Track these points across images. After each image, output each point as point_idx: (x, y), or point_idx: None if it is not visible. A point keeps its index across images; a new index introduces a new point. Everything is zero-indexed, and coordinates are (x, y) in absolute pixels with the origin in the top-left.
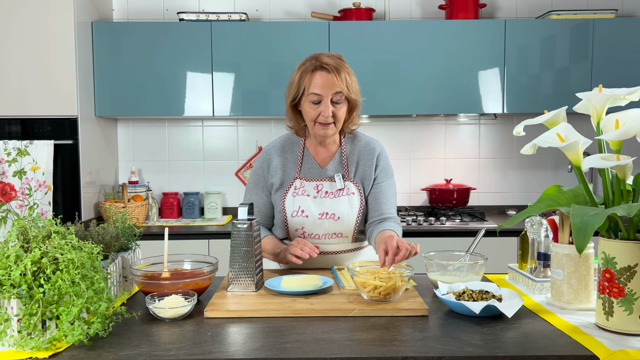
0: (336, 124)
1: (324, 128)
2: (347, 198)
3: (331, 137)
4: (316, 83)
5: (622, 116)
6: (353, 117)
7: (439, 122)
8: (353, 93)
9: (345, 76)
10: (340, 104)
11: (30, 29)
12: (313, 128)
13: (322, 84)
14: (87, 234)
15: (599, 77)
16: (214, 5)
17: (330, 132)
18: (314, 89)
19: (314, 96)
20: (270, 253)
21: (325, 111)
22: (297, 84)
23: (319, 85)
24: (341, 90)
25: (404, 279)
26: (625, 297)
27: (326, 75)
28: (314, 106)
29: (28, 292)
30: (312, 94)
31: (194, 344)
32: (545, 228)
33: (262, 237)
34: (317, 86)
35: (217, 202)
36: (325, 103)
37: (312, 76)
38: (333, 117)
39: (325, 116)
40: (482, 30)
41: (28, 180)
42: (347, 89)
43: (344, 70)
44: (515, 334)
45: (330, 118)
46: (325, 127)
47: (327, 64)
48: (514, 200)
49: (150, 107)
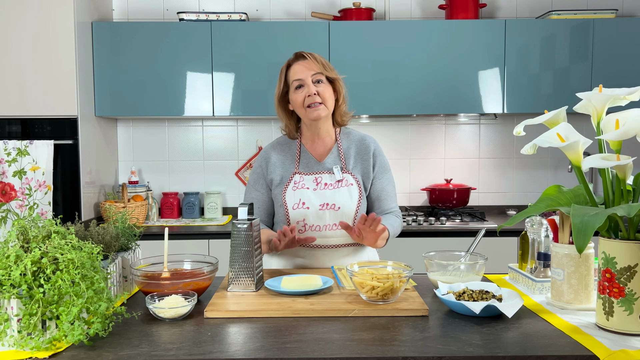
0: (326, 104)
1: (315, 109)
2: (346, 189)
3: (325, 123)
4: (295, 71)
5: (622, 116)
6: (341, 103)
7: (439, 122)
8: (331, 71)
9: (320, 59)
10: (322, 83)
11: (31, 29)
12: (305, 114)
13: (300, 70)
14: (87, 234)
15: (599, 77)
16: (214, 5)
17: (322, 113)
18: (294, 77)
19: (296, 82)
20: (264, 243)
21: (309, 89)
22: (280, 81)
23: (298, 72)
24: (319, 71)
25: (402, 279)
26: (625, 297)
27: (302, 62)
28: (299, 91)
29: (28, 292)
30: (294, 81)
31: (194, 344)
32: (546, 228)
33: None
34: (297, 73)
35: (217, 202)
36: (307, 84)
37: (291, 68)
38: (320, 97)
39: (310, 94)
40: (482, 30)
41: (28, 180)
42: (324, 69)
43: (319, 57)
44: (515, 334)
45: (316, 97)
46: (316, 108)
47: (302, 53)
48: (514, 200)
49: (150, 107)
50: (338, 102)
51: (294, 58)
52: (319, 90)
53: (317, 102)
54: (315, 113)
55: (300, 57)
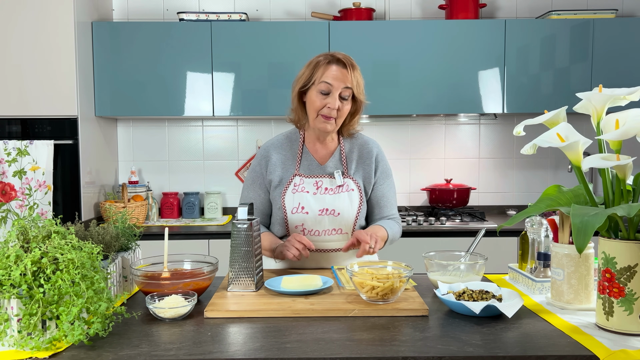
0: (337, 120)
1: (325, 121)
2: (347, 194)
3: (329, 134)
4: (330, 73)
5: (622, 116)
6: (354, 121)
7: (439, 122)
8: (361, 93)
9: (357, 75)
10: (346, 100)
11: (31, 29)
12: (315, 120)
13: (335, 76)
14: (87, 234)
15: (599, 77)
16: (214, 5)
17: (329, 128)
18: (326, 78)
19: (325, 85)
20: (267, 249)
21: (333, 103)
22: (309, 72)
23: (332, 76)
24: (351, 87)
25: (402, 279)
26: (625, 297)
27: (341, 69)
28: (322, 96)
29: (28, 292)
30: (323, 83)
31: (194, 344)
32: (545, 228)
33: None
34: (330, 76)
35: (217, 202)
36: (334, 95)
37: (327, 67)
38: (337, 112)
39: (331, 107)
40: (482, 30)
41: (28, 180)
42: (357, 88)
43: (357, 70)
44: (515, 334)
45: (334, 112)
46: (327, 121)
47: (344, 58)
48: (514, 200)
49: (150, 107)
50: (352, 120)
51: (333, 59)
52: (339, 106)
53: (332, 117)
54: (324, 125)
55: (340, 62)
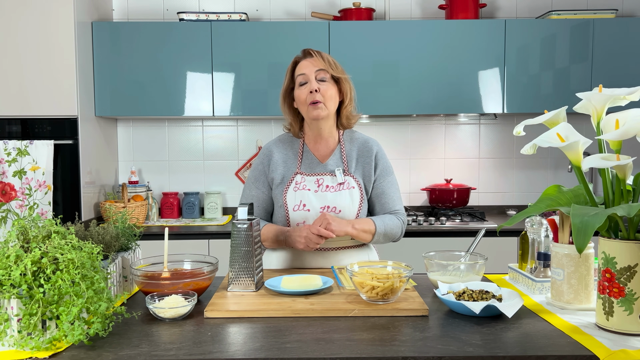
0: (326, 104)
1: (315, 108)
2: (348, 192)
3: (326, 124)
4: (301, 67)
5: (622, 116)
6: (347, 104)
7: (439, 122)
8: (337, 70)
9: (327, 57)
10: (325, 82)
11: (31, 29)
12: (307, 112)
13: (305, 65)
14: (87, 234)
15: (599, 77)
16: (214, 5)
17: (322, 113)
18: (299, 71)
19: (301, 77)
20: (273, 240)
21: (311, 86)
22: (289, 76)
23: (304, 67)
24: (324, 68)
25: (402, 279)
26: (625, 297)
27: (309, 59)
28: (302, 88)
29: (28, 292)
30: (299, 76)
31: (194, 344)
32: (545, 228)
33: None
34: (302, 68)
35: (217, 202)
36: (310, 80)
37: (299, 64)
38: (321, 96)
39: (311, 90)
40: (482, 30)
41: (28, 180)
42: (329, 66)
43: (326, 55)
44: (515, 334)
45: (317, 94)
46: (315, 106)
47: (309, 50)
48: (514, 200)
49: (150, 107)
50: (344, 103)
51: (302, 55)
52: (320, 88)
53: (318, 101)
54: (315, 112)
55: (308, 54)
